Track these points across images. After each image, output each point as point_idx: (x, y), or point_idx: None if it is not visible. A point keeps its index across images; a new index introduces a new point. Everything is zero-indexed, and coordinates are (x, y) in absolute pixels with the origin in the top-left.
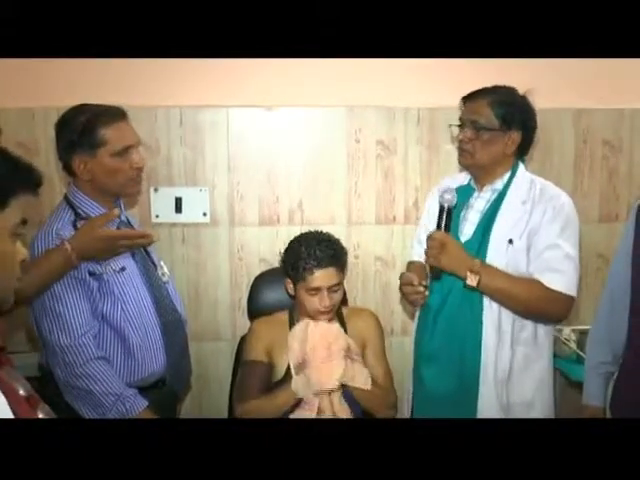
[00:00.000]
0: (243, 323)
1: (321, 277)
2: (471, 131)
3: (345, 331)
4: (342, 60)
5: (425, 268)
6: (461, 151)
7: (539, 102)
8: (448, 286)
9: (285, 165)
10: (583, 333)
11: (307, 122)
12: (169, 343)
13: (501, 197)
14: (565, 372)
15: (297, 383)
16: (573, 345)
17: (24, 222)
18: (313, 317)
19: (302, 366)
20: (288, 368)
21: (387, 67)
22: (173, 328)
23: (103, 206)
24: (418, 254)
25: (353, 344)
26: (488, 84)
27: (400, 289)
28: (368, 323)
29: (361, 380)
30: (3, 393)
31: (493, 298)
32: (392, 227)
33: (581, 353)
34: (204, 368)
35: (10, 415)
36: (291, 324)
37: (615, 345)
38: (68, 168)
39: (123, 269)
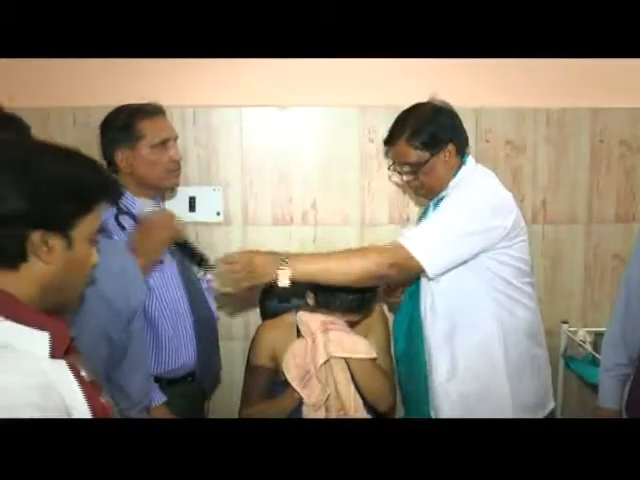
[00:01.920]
0: (256, 322)
1: (340, 316)
2: (408, 172)
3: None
4: (355, 60)
5: None
6: (412, 188)
7: (556, 102)
8: (410, 289)
9: (298, 165)
10: (598, 334)
11: (320, 122)
12: (200, 338)
13: (442, 201)
14: (580, 374)
15: (308, 397)
16: (588, 347)
17: (101, 230)
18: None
19: (307, 377)
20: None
21: (400, 67)
22: (205, 324)
23: (143, 201)
24: None
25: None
26: (505, 84)
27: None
28: (372, 318)
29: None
30: (75, 378)
31: (318, 282)
32: (405, 228)
33: (596, 355)
34: None
35: (84, 401)
36: (298, 328)
37: (631, 347)
38: (112, 165)
39: (161, 262)
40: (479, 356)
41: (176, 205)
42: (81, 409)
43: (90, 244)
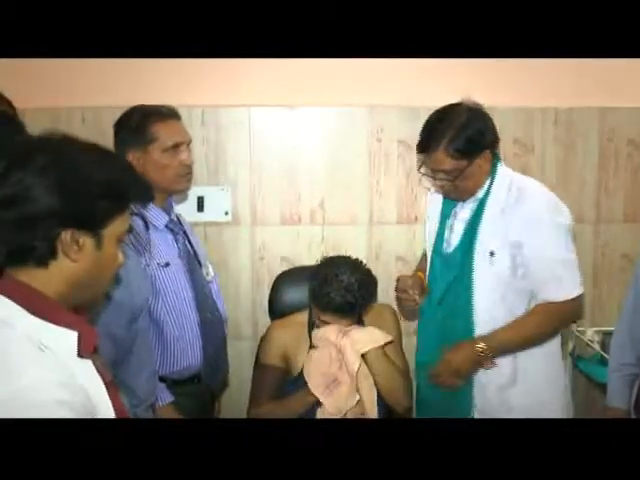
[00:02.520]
0: (264, 322)
1: (332, 319)
2: (443, 178)
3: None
4: (363, 60)
5: (421, 279)
6: (444, 192)
7: (563, 101)
8: (439, 295)
9: (307, 164)
10: (607, 334)
11: (329, 121)
12: (207, 340)
13: (482, 206)
14: (588, 373)
15: (333, 404)
16: (596, 346)
17: (129, 230)
18: None
19: (334, 385)
20: (302, 369)
21: (409, 66)
22: (212, 326)
23: (155, 204)
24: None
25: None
26: (513, 83)
27: (395, 292)
28: (385, 317)
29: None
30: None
31: (513, 353)
32: (414, 227)
33: (604, 354)
34: None
35: (108, 399)
36: (309, 325)
37: (638, 347)
38: None
39: (167, 264)
40: (543, 364)
41: (184, 205)
42: (105, 408)
43: (118, 244)
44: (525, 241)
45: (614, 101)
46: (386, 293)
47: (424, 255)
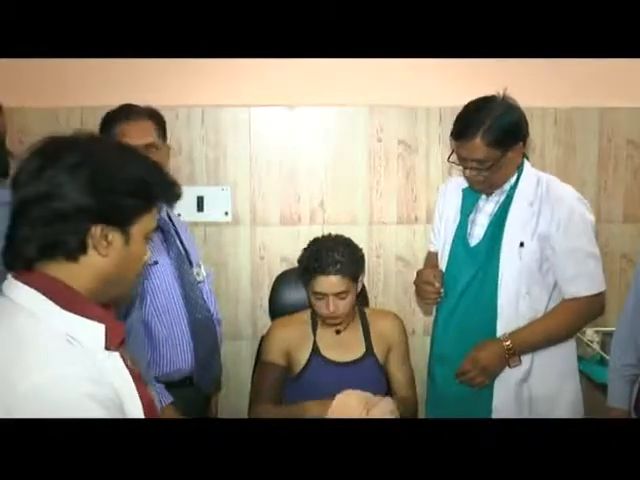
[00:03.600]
0: (264, 322)
1: (324, 283)
2: (474, 167)
3: (368, 333)
4: (364, 60)
5: (439, 271)
6: (471, 182)
7: (563, 101)
8: (461, 288)
9: (307, 164)
10: (607, 334)
11: (329, 121)
12: (198, 342)
13: (509, 199)
14: (588, 374)
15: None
16: (596, 347)
17: (156, 228)
18: (324, 321)
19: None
20: (304, 367)
21: (408, 66)
22: (203, 327)
23: None
24: (433, 249)
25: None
26: (512, 84)
27: (416, 285)
28: (393, 327)
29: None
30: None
31: (538, 349)
32: (414, 227)
33: (604, 355)
34: (224, 367)
35: (136, 392)
36: (312, 323)
37: (639, 347)
38: None
39: (156, 263)
40: (558, 359)
41: (184, 205)
42: (133, 400)
43: (145, 241)
44: (554, 234)
45: (614, 101)
46: (387, 293)
47: (431, 253)
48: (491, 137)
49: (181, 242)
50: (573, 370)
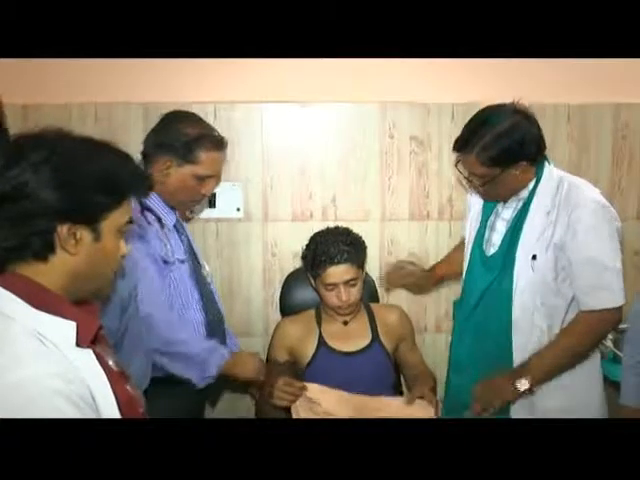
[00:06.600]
0: (275, 319)
1: (335, 273)
2: (477, 181)
3: (374, 322)
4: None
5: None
6: (478, 194)
7: (578, 98)
8: (477, 296)
9: (318, 161)
10: (620, 332)
11: (341, 118)
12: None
13: (527, 205)
14: (602, 373)
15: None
16: (610, 344)
17: (130, 222)
18: (335, 312)
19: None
20: (311, 359)
21: (421, 63)
22: (216, 326)
23: (164, 203)
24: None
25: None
26: (525, 81)
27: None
28: (401, 320)
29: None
30: (102, 366)
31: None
32: (426, 223)
33: (618, 352)
34: None
35: (109, 389)
36: (317, 319)
37: None
38: (147, 159)
39: (183, 262)
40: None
41: None
42: (106, 397)
43: (119, 235)
44: (570, 243)
45: (628, 97)
46: (398, 289)
47: (459, 245)
48: (486, 156)
49: (189, 242)
50: (597, 380)
